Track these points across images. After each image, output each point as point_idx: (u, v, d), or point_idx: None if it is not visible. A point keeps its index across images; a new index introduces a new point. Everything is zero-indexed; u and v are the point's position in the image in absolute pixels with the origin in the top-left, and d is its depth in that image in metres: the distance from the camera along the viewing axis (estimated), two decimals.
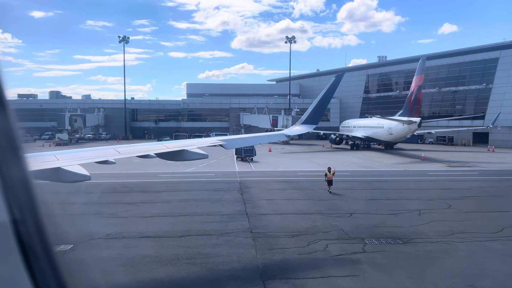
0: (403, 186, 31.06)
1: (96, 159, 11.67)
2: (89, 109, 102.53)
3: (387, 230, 18.40)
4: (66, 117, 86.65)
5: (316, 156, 56.74)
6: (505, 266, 14.01)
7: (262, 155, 56.59)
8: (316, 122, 25.44)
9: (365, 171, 39.84)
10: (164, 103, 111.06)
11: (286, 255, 15.02)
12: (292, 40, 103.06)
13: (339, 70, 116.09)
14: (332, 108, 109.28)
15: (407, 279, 12.78)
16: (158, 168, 39.24)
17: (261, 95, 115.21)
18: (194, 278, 12.92)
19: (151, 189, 29.50)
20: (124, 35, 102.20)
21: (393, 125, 58.61)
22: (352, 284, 12.34)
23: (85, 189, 29.31)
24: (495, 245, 16.24)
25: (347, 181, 33.13)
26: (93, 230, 18.19)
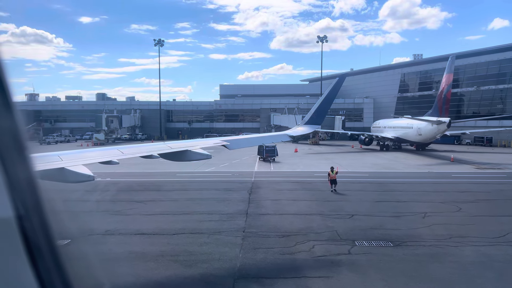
0: (419, 188, 30.16)
1: (100, 160, 11.80)
2: (126, 110, 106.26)
3: (382, 233, 18.07)
4: (103, 118, 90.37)
5: (341, 157, 55.97)
6: (490, 272, 13.44)
7: (286, 155, 56.66)
8: (319, 122, 25.32)
9: (385, 173, 38.95)
10: (198, 104, 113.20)
11: (268, 255, 15.13)
12: (324, 40, 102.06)
13: (372, 69, 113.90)
14: (365, 108, 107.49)
15: (380, 281, 12.58)
16: (179, 167, 40.22)
17: (293, 96, 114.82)
18: (170, 274, 13.29)
19: (164, 187, 30.35)
20: (160, 38, 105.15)
21: (422, 126, 56.80)
22: (321, 285, 12.30)
23: (103, 187, 30.64)
24: (490, 250, 15.57)
25: (362, 183, 32.63)
26: (95, 227, 19.05)
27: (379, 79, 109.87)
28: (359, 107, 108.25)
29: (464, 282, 12.67)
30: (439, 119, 54.05)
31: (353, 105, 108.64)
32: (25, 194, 2.09)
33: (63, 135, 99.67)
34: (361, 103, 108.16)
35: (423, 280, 12.67)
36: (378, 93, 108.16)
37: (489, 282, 12.67)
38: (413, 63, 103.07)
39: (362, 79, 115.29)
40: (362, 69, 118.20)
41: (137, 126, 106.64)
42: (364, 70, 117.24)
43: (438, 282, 12.57)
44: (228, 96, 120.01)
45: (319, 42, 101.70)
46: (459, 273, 13.32)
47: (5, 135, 2.04)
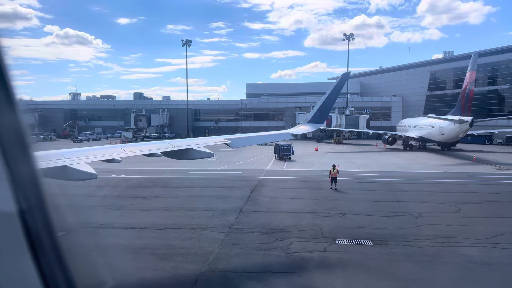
0: (426, 188, 29.63)
1: (102, 158, 11.83)
2: (155, 109, 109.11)
3: (367, 232, 18.10)
4: (131, 117, 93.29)
5: (360, 156, 55.41)
6: (459, 273, 13.34)
7: (305, 154, 56.73)
8: (322, 121, 25.46)
9: (397, 173, 38.36)
10: (224, 103, 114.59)
11: (244, 250, 15.57)
12: (351, 38, 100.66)
13: (401, 67, 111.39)
14: (393, 107, 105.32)
15: (341, 278, 12.79)
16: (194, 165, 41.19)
17: (319, 94, 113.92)
18: (143, 266, 13.98)
19: (172, 184, 31.30)
20: (187, 39, 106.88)
21: (444, 125, 55.30)
22: (282, 280, 12.65)
23: (115, 183, 31.95)
24: (469, 251, 15.36)
25: (369, 182, 32.41)
26: (92, 220, 20.08)
27: (407, 77, 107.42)
28: (387, 105, 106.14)
29: (426, 281, 12.66)
30: (461, 118, 52.48)
31: (380, 103, 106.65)
32: (28, 190, 2.12)
33: (95, 133, 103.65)
34: (389, 102, 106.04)
35: (385, 278, 12.77)
36: (407, 91, 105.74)
37: (452, 282, 12.61)
38: (443, 60, 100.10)
39: (391, 77, 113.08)
40: (391, 66, 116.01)
41: (166, 124, 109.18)
42: (393, 68, 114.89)
43: (399, 280, 12.64)
44: (255, 95, 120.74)
45: (345, 40, 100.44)
46: (425, 272, 13.30)
47: (9, 132, 2.07)
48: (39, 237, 2.10)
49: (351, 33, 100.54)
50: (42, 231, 2.13)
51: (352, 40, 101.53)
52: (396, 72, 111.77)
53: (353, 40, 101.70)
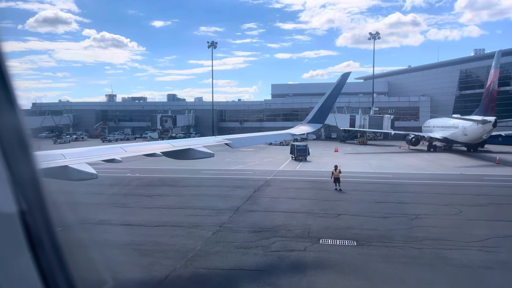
0: (434, 190, 28.96)
1: (103, 158, 11.93)
2: (182, 110, 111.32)
3: (356, 232, 18.04)
4: (158, 118, 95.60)
5: (378, 157, 54.57)
6: (432, 274, 13.15)
7: (323, 155, 56.50)
8: (322, 121, 25.45)
9: (411, 174, 37.61)
10: (249, 104, 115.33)
11: (225, 248, 15.90)
12: (377, 37, 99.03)
13: (429, 66, 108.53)
14: (421, 107, 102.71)
15: (309, 277, 12.89)
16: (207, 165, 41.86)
17: (345, 94, 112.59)
18: (122, 260, 14.58)
19: (180, 183, 32.04)
20: (213, 41, 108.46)
21: (467, 125, 53.58)
22: (250, 277, 12.93)
23: (127, 182, 33.04)
24: (453, 254, 15.07)
25: (377, 183, 32.00)
26: (92, 217, 20.94)
27: (436, 76, 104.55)
28: (415, 105, 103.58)
29: (395, 282, 12.58)
30: (484, 118, 50.71)
31: (408, 103, 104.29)
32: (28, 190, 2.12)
33: (124, 133, 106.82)
34: (417, 102, 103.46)
35: (354, 278, 12.78)
36: (436, 91, 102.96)
37: (420, 284, 12.48)
38: (473, 59, 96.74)
39: (419, 76, 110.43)
40: (419, 65, 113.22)
41: (192, 125, 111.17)
42: (421, 67, 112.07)
43: (368, 281, 12.63)
44: (280, 95, 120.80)
45: (371, 39, 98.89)
46: (398, 273, 13.20)
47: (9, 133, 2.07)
48: (39, 237, 2.10)
49: (377, 32, 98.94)
50: (42, 231, 2.14)
51: (378, 39, 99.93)
52: (425, 71, 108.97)
53: (379, 39, 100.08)
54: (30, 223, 2.06)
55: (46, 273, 2.10)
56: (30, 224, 2.06)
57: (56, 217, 2.23)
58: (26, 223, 2.05)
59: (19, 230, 2.03)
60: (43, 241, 2.12)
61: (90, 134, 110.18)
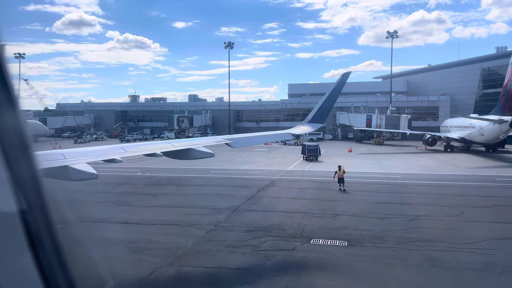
0: (440, 191, 28.46)
1: (103, 158, 12.05)
2: (198, 111, 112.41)
3: (349, 233, 17.97)
4: (174, 118, 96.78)
5: (391, 158, 53.87)
6: (415, 276, 13.05)
7: (336, 155, 56.21)
8: (322, 121, 25.43)
9: (421, 175, 37.02)
10: (265, 104, 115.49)
11: (214, 247, 16.10)
12: (394, 35, 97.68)
13: (449, 64, 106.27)
14: (441, 106, 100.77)
15: (290, 276, 12.93)
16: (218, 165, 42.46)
17: (363, 94, 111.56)
18: (113, 257, 14.94)
19: (186, 182, 32.46)
20: (229, 41, 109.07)
21: (484, 125, 52.28)
22: (233, 275, 13.11)
23: (135, 180, 33.67)
24: (443, 255, 14.85)
25: (383, 184, 31.65)
26: (94, 215, 21.46)
27: (457, 74, 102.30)
28: (434, 105, 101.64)
29: (376, 283, 12.51)
30: (501, 118, 49.38)
31: (427, 103, 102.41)
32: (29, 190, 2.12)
33: (143, 133, 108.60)
34: (436, 101, 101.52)
35: (336, 278, 12.78)
36: (456, 90, 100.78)
37: (401, 285, 12.37)
38: (495, 57, 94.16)
39: (439, 75, 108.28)
40: (439, 64, 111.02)
41: (208, 125, 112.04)
42: (441, 66, 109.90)
43: (349, 281, 12.60)
44: (296, 95, 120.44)
45: (389, 38, 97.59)
46: (381, 274, 13.13)
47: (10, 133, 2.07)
48: (39, 237, 2.11)
49: (395, 30, 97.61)
50: (42, 231, 2.14)
51: (396, 37, 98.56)
52: (445, 69, 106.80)
53: (402, 38, 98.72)
54: (31, 223, 2.07)
55: (46, 273, 2.10)
56: (31, 224, 2.07)
57: (57, 216, 2.24)
58: (26, 223, 2.05)
59: (19, 229, 2.03)
60: (43, 240, 2.12)
61: (110, 134, 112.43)
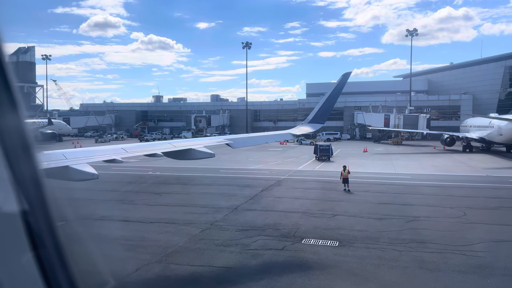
0: (446, 192, 27.93)
1: (104, 158, 12.18)
2: (216, 110, 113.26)
3: (343, 233, 17.91)
4: (192, 118, 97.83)
5: (406, 158, 53.03)
6: (398, 277, 12.93)
7: (350, 155, 55.83)
8: (323, 121, 25.40)
9: (432, 175, 36.33)
10: (283, 103, 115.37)
11: (206, 245, 16.33)
12: (414, 33, 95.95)
13: (472, 62, 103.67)
14: (463, 105, 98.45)
15: (271, 274, 13.06)
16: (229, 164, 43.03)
17: (383, 93, 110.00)
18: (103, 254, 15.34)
19: (193, 182, 32.87)
20: (247, 41, 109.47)
21: (502, 125, 50.82)
22: (217, 272, 13.31)
23: (145, 179, 34.29)
24: (432, 257, 14.65)
25: (390, 185, 31.28)
26: (97, 213, 22.04)
27: (479, 73, 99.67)
28: (456, 104, 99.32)
29: (355, 283, 12.47)
30: None
31: (448, 102, 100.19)
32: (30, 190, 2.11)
33: (162, 133, 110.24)
34: (457, 100, 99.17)
35: (316, 278, 12.81)
36: (478, 89, 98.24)
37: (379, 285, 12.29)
38: None
39: (461, 73, 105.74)
40: (461, 62, 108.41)
41: (226, 125, 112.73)
42: (463, 64, 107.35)
43: (329, 281, 12.59)
44: (314, 94, 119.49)
45: (408, 36, 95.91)
46: (363, 275, 13.08)
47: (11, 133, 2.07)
48: (41, 237, 2.10)
49: (415, 28, 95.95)
50: (44, 231, 2.13)
51: (415, 35, 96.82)
52: (467, 68, 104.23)
53: (417, 36, 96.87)
54: (32, 223, 2.07)
55: (47, 273, 2.10)
56: (32, 224, 2.07)
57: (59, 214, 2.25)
58: (28, 223, 2.05)
59: (21, 229, 2.03)
60: (44, 240, 2.12)
61: (131, 133, 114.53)
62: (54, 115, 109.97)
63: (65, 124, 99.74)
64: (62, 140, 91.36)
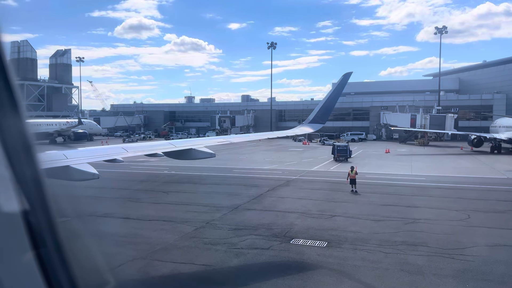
0: (457, 194, 27.10)
1: (104, 158, 12.48)
2: (240, 111, 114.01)
3: (335, 234, 17.78)
4: (216, 118, 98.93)
5: (428, 159, 51.73)
6: (375, 279, 12.72)
7: (370, 156, 55.11)
8: (324, 121, 25.31)
9: (448, 177, 35.23)
10: (308, 103, 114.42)
11: (195, 243, 16.61)
12: (444, 31, 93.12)
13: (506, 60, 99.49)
14: (495, 105, 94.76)
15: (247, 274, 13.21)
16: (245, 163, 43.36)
17: (411, 92, 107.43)
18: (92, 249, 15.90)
19: (204, 181, 33.38)
20: (272, 41, 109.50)
21: None
22: (196, 270, 13.60)
23: (158, 178, 35.07)
24: (418, 260, 14.34)
25: (400, 186, 30.64)
26: (101, 210, 22.74)
27: None
28: (488, 104, 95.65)
29: (329, 284, 12.40)
30: None
31: (479, 101, 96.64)
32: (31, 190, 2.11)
33: (188, 133, 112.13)
34: (490, 100, 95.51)
35: (290, 277, 12.81)
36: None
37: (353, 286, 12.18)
38: None
39: (494, 72, 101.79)
40: (494, 60, 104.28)
41: (251, 125, 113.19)
42: (496, 62, 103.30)
43: (301, 280, 12.58)
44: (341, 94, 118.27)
45: (437, 34, 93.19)
46: (339, 276, 12.98)
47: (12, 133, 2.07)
48: (42, 236, 2.10)
49: (444, 26, 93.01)
50: (45, 230, 2.13)
51: (445, 33, 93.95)
52: (500, 66, 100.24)
53: (446, 34, 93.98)
54: (33, 222, 2.07)
55: (48, 272, 2.10)
56: (33, 223, 2.07)
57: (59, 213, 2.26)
58: (28, 222, 2.05)
59: (21, 229, 2.03)
60: (45, 240, 2.12)
61: (158, 133, 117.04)
62: (85, 115, 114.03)
63: (95, 124, 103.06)
64: (93, 139, 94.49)
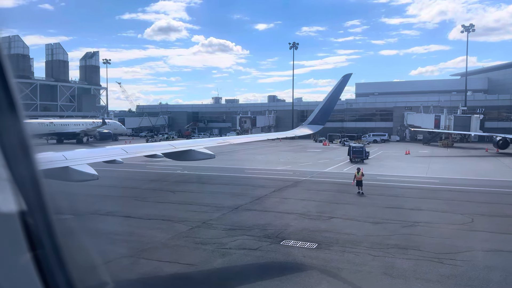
0: (466, 197, 26.32)
1: (104, 159, 12.64)
2: (262, 111, 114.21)
3: (327, 236, 17.62)
4: (237, 119, 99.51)
5: (448, 161, 50.43)
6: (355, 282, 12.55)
7: (388, 157, 54.38)
8: (323, 122, 25.15)
9: (464, 180, 34.17)
10: None
11: (186, 242, 16.80)
12: (470, 29, 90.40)
13: None
14: None
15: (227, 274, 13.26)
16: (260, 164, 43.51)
17: (436, 92, 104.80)
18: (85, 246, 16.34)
19: (212, 181, 33.64)
20: (294, 42, 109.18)
21: None
22: (180, 269, 13.77)
23: (169, 178, 35.62)
24: (406, 264, 14.04)
25: (410, 188, 29.96)
26: (105, 209, 23.28)
27: None
28: None
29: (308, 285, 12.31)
30: None
31: (509, 102, 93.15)
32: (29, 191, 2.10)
33: (211, 133, 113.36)
34: None
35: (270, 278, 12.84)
36: None
37: None
38: None
39: None
40: None
41: (272, 125, 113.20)
42: None
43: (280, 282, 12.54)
44: (364, 94, 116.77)
45: (464, 32, 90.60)
46: (318, 277, 12.87)
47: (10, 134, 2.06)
48: (39, 238, 2.09)
49: (471, 23, 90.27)
50: (42, 232, 2.12)
51: (472, 31, 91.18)
52: None
53: (473, 32, 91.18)
54: (30, 224, 2.05)
55: (46, 274, 2.10)
56: (30, 225, 2.05)
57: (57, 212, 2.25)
58: (26, 223, 2.04)
59: (19, 230, 2.02)
60: (43, 241, 2.11)
61: (182, 134, 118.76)
62: (110, 116, 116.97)
63: (119, 124, 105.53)
64: (117, 139, 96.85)
